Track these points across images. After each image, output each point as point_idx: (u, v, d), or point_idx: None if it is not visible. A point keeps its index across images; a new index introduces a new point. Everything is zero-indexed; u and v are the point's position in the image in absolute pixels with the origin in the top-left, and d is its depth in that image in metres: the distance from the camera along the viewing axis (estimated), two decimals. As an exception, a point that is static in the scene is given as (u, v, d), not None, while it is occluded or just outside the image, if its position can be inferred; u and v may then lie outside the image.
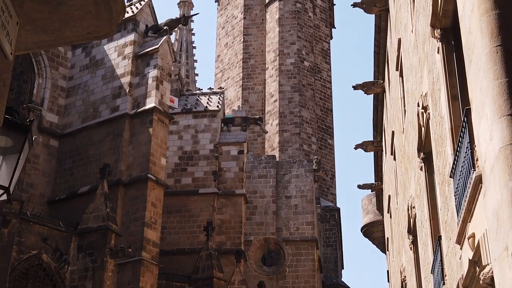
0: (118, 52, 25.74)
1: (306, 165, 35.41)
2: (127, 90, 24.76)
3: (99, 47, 26.43)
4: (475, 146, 7.11)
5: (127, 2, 27.31)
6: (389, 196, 23.50)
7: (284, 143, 43.28)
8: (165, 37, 25.26)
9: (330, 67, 49.23)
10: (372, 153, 27.68)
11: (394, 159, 19.86)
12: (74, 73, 26.74)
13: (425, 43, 10.97)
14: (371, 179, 34.06)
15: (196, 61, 59.65)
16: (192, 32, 60.71)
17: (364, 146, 26.11)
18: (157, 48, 24.90)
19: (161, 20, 26.68)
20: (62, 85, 26.53)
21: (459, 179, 8.00)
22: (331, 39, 50.94)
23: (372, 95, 24.40)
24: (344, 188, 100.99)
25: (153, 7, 26.78)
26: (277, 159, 38.01)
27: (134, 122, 24.27)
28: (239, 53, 48.16)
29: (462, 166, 7.72)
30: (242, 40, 48.32)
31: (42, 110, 25.60)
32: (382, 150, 25.59)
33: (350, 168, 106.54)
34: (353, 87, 23.52)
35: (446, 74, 9.25)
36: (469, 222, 7.58)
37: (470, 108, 7.33)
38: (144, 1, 26.66)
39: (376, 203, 30.64)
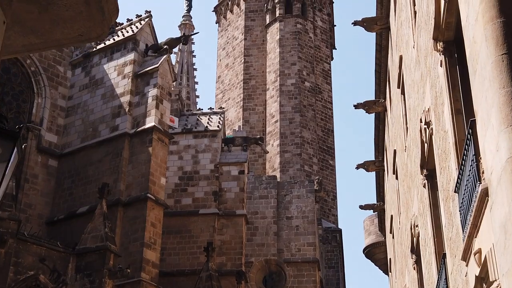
0: (117, 71, 25.64)
1: (307, 185, 35.21)
2: (126, 109, 24.63)
3: (99, 67, 26.36)
4: (480, 158, 6.95)
5: (127, 21, 27.30)
6: (392, 216, 23.30)
7: (285, 164, 43.08)
8: (165, 56, 25.17)
9: (331, 88, 49.21)
10: (373, 173, 27.55)
11: (396, 178, 19.72)
12: (74, 93, 26.62)
13: (427, 57, 10.85)
14: (373, 200, 33.86)
15: (197, 83, 59.72)
16: (193, 54, 60.90)
17: (365, 166, 25.97)
18: (157, 67, 24.81)
19: (161, 39, 26.64)
20: (61, 105, 26.40)
21: (464, 194, 7.83)
22: (331, 60, 50.99)
23: (374, 114, 24.30)
24: (346, 209, 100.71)
25: (153, 27, 26.73)
26: (278, 179, 37.79)
27: (134, 141, 24.10)
28: (240, 74, 48.16)
29: (467, 180, 7.55)
30: (242, 61, 48.33)
31: (41, 130, 25.44)
32: (384, 170, 25.45)
33: (352, 189, 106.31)
34: (354, 106, 23.41)
35: (450, 87, 9.11)
36: (475, 237, 7.39)
37: (475, 119, 7.18)
38: (144, 20, 26.62)
39: (378, 224, 30.39)
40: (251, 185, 34.35)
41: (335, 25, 53.27)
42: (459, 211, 8.21)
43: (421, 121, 11.81)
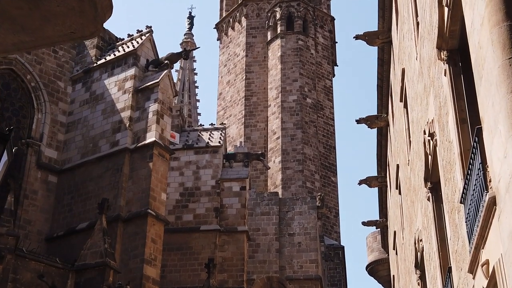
0: (118, 87, 25.53)
1: (310, 201, 34.99)
2: (127, 125, 24.49)
3: (99, 82, 26.26)
4: (487, 166, 6.80)
5: (127, 37, 27.23)
6: (395, 232, 23.11)
7: (287, 180, 42.85)
8: (166, 71, 25.06)
9: (333, 105, 49.10)
10: (376, 190, 27.38)
11: (400, 193, 19.57)
12: (74, 108, 26.50)
13: (431, 68, 10.72)
14: (375, 216, 33.63)
15: (198, 100, 59.69)
16: (195, 71, 60.93)
17: (368, 181, 25.82)
18: (158, 82, 24.69)
19: (162, 55, 26.50)
20: (61, 120, 26.26)
21: (470, 204, 7.66)
22: (333, 77, 50.95)
23: (376, 129, 24.19)
24: (348, 225, 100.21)
25: (154, 42, 26.64)
26: (280, 196, 37.57)
27: (134, 156, 23.93)
28: (241, 90, 48.08)
29: (474, 190, 7.39)
30: (244, 77, 48.28)
31: (41, 146, 25.29)
32: (387, 186, 25.30)
33: (354, 205, 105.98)
34: (356, 121, 23.29)
35: (454, 96, 8.96)
36: (483, 248, 7.21)
37: (481, 127, 7.02)
38: (145, 35, 26.54)
39: (381, 240, 30.18)
40: (253, 201, 34.15)
41: (337, 42, 53.30)
42: (465, 222, 8.05)
43: (424, 133, 11.68)
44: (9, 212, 19.43)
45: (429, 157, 11.37)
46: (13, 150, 5.12)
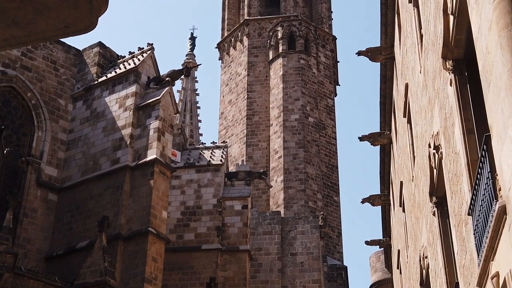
0: (119, 104, 25.39)
1: (312, 221, 34.72)
2: (128, 142, 24.31)
3: (100, 99, 26.12)
4: (496, 175, 6.63)
5: (129, 54, 27.15)
6: (399, 251, 22.90)
7: (289, 200, 42.59)
8: (167, 88, 24.93)
9: (335, 124, 48.97)
10: (379, 209, 27.20)
11: (403, 210, 19.42)
12: (75, 126, 26.34)
13: (435, 79, 10.59)
14: (379, 235, 33.34)
15: (200, 121, 59.65)
16: (196, 92, 60.94)
17: (371, 200, 25.64)
18: (159, 99, 24.54)
19: (163, 73, 26.40)
20: (62, 138, 26.09)
21: (479, 215, 7.47)
22: (335, 96, 50.87)
23: (379, 147, 24.07)
24: (351, 245, 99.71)
25: (155, 59, 26.54)
26: (282, 215, 37.29)
27: (135, 174, 23.71)
28: (243, 109, 47.97)
29: (482, 200, 7.20)
30: (246, 96, 48.20)
31: (41, 164, 25.09)
32: (390, 204, 25.12)
33: (357, 224, 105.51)
34: (359, 138, 23.17)
35: (460, 106, 8.80)
36: (492, 260, 7.01)
37: (489, 134, 6.84)
38: (146, 53, 26.45)
39: (385, 260, 29.90)
40: (255, 221, 33.90)
41: (338, 61, 53.32)
42: (474, 234, 7.86)
43: (429, 146, 11.53)
44: (8, 229, 19.21)
45: (434, 170, 11.23)
46: (5, 151, 4.90)
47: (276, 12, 51.67)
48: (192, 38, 61.69)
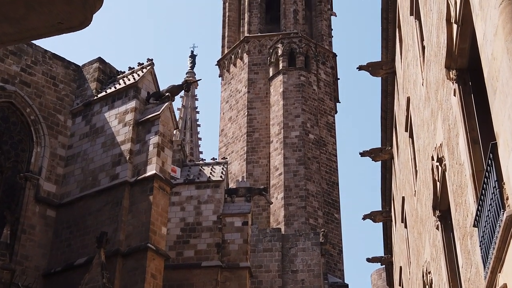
0: (118, 119, 25.25)
1: (313, 238, 34.51)
2: (127, 158, 24.14)
3: (100, 115, 25.99)
4: (504, 184, 6.47)
5: (128, 70, 27.06)
6: (400, 268, 22.70)
7: (290, 217, 42.35)
8: (167, 103, 24.81)
9: (335, 141, 48.84)
10: (380, 225, 27.06)
11: (405, 226, 19.28)
12: (74, 142, 26.18)
13: (438, 90, 10.48)
14: (380, 253, 33.12)
15: (200, 139, 59.59)
16: (197, 110, 60.91)
17: (372, 216, 25.51)
18: (159, 114, 24.41)
19: (163, 86, 26.34)
20: (61, 154, 25.93)
21: (485, 226, 7.30)
22: (335, 113, 50.79)
23: (380, 163, 23.97)
24: (352, 262, 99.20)
25: (155, 74, 26.44)
26: (283, 232, 37.06)
27: (134, 190, 23.51)
28: (243, 126, 47.85)
29: (489, 210, 7.04)
30: (246, 113, 48.11)
31: (39, 179, 24.90)
32: (391, 220, 24.97)
33: (358, 242, 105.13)
34: (360, 153, 23.10)
35: (465, 116, 8.67)
36: (499, 272, 6.85)
37: (496, 142, 6.70)
38: (146, 68, 26.36)
39: (386, 277, 29.67)
40: (255, 238, 33.68)
41: (339, 78, 53.29)
42: (480, 246, 7.68)
43: (432, 159, 11.40)
44: (5, 245, 18.99)
45: (438, 183, 11.10)
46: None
47: (276, 29, 51.73)
48: (192, 56, 61.83)
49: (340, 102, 53.02)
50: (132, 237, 22.64)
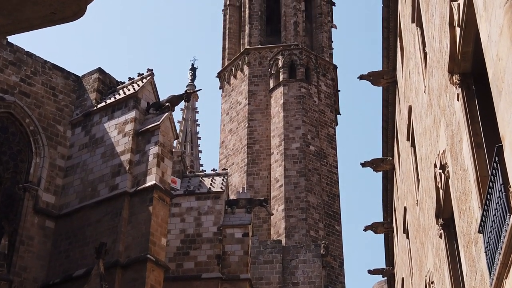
0: (118, 130, 25.13)
1: (314, 249, 34.30)
2: (127, 168, 24.00)
3: (99, 125, 25.87)
4: (510, 187, 6.34)
5: (128, 80, 26.98)
6: (403, 279, 22.53)
7: (290, 229, 42.14)
8: (167, 113, 24.69)
9: (336, 153, 48.70)
10: (382, 237, 26.92)
11: (407, 237, 19.16)
12: (73, 152, 26.04)
13: (441, 96, 10.39)
14: (381, 264, 32.93)
15: (200, 151, 59.51)
16: (197, 123, 60.86)
17: (374, 227, 25.37)
18: (158, 124, 24.28)
19: (163, 96, 26.24)
20: (60, 165, 25.78)
21: (490, 231, 7.17)
22: (336, 125, 50.68)
23: (381, 174, 23.86)
24: (354, 274, 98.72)
25: (155, 85, 26.34)
26: (283, 244, 36.85)
27: (134, 200, 23.35)
28: (244, 138, 47.75)
29: (494, 215, 6.91)
30: (246, 125, 48.01)
31: (38, 190, 24.74)
32: (393, 232, 24.84)
33: (359, 254, 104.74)
34: (361, 164, 22.97)
35: (468, 120, 8.56)
36: (506, 278, 6.74)
37: (501, 145, 6.58)
38: (146, 78, 26.27)
39: (388, 290, 29.45)
40: (256, 249, 33.48)
41: (339, 90, 53.26)
42: (485, 252, 7.55)
43: (435, 167, 11.29)
44: (3, 256, 18.81)
45: (441, 191, 10.99)
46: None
47: (276, 41, 51.74)
48: (193, 69, 61.94)
49: (340, 114, 52.99)
50: (131, 248, 22.46)
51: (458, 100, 8.91)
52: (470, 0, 7.62)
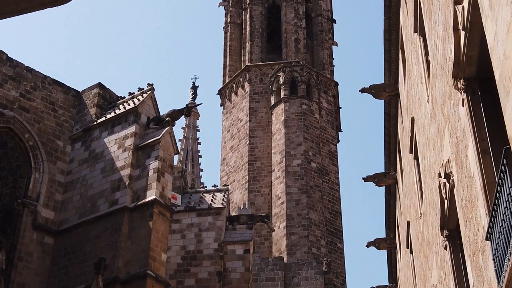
0: (118, 145, 24.95)
1: (316, 266, 33.93)
2: (126, 183, 23.78)
3: (99, 140, 25.71)
4: (519, 190, 6.12)
5: (129, 95, 26.85)
6: (406, 295, 22.23)
7: (292, 246, 41.80)
8: (167, 128, 24.52)
9: (338, 170, 48.44)
10: (385, 254, 26.70)
11: (411, 252, 18.97)
12: (73, 168, 25.85)
13: (445, 104, 10.23)
14: (384, 281, 32.57)
15: (201, 170, 59.20)
16: (198, 141, 60.66)
17: (376, 243, 25.12)
18: (159, 139, 24.11)
19: (163, 112, 26.06)
20: (59, 180, 25.57)
21: (498, 238, 6.96)
22: (337, 142, 50.47)
23: (384, 189, 23.69)
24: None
25: (155, 99, 26.22)
26: (285, 261, 36.51)
27: (134, 215, 23.11)
28: (245, 155, 47.53)
29: (503, 220, 6.70)
30: (247, 142, 47.82)
31: (37, 206, 24.50)
32: (396, 248, 24.60)
33: (362, 271, 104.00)
34: (363, 179, 22.79)
35: (474, 126, 8.37)
36: (515, 285, 6.46)
37: (509, 147, 6.40)
38: (146, 93, 26.15)
39: (391, 307, 29.11)
40: (257, 267, 33.11)
41: (341, 107, 53.12)
42: (493, 259, 7.32)
43: (439, 176, 11.10)
44: (1, 272, 18.54)
45: (445, 201, 10.80)
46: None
47: (277, 58, 51.73)
48: (194, 87, 61.83)
49: (342, 131, 52.83)
50: (131, 264, 22.18)
51: (463, 105, 8.74)
52: (475, 2, 7.49)
